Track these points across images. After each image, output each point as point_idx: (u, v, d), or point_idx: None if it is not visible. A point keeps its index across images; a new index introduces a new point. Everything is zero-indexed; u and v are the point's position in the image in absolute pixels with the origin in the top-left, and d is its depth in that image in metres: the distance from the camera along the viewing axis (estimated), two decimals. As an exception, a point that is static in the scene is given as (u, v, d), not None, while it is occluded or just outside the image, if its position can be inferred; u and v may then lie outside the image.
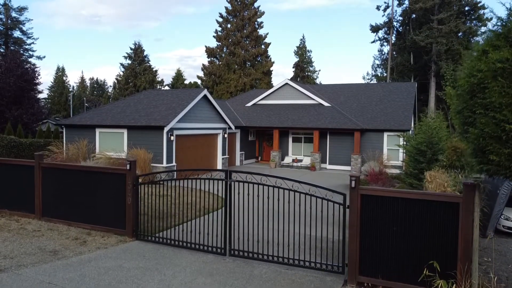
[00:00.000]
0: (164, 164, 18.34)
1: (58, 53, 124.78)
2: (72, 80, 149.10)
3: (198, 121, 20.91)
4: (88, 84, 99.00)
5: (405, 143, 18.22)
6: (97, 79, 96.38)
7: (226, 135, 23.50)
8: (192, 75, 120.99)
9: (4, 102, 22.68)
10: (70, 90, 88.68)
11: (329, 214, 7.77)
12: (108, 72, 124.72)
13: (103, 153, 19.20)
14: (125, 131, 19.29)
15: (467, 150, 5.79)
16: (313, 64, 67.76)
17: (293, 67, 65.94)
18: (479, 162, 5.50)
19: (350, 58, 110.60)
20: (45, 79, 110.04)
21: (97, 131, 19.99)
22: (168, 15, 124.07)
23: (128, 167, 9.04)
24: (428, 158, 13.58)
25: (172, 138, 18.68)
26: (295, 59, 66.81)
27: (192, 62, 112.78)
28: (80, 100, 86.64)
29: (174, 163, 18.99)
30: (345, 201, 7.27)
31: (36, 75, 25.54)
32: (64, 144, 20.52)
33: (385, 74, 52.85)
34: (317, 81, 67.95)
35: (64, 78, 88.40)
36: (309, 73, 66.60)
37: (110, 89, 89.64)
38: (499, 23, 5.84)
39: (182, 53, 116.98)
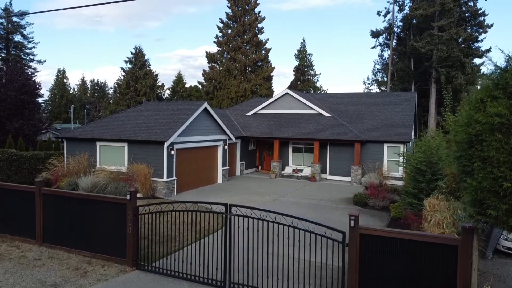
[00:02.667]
0: (165, 179, 18.38)
1: (59, 53, 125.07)
2: (73, 81, 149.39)
3: (199, 134, 20.94)
4: (89, 86, 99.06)
5: (404, 160, 18.22)
6: (97, 81, 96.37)
7: (226, 147, 23.53)
8: (193, 75, 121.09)
9: (5, 114, 22.73)
10: (71, 92, 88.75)
11: (329, 242, 7.78)
12: (109, 72, 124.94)
13: (104, 167, 19.26)
14: (125, 145, 19.33)
15: (465, 198, 5.81)
16: (313, 68, 67.85)
17: (293, 71, 65.98)
18: (477, 212, 5.53)
19: (351, 61, 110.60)
20: (46, 79, 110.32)
21: (98, 144, 20.03)
22: (169, 15, 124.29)
23: (128, 197, 9.08)
24: (427, 178, 13.60)
25: (172, 152, 18.71)
26: (296, 59, 67.01)
27: (193, 62, 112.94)
28: (81, 102, 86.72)
29: (174, 177, 19.04)
30: (344, 239, 7.29)
31: (37, 86, 25.59)
32: (65, 158, 20.56)
33: (385, 79, 52.89)
34: (318, 84, 67.96)
35: (65, 80, 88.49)
36: (309, 77, 66.62)
37: (111, 91, 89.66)
38: (497, 71, 5.87)
39: (183, 53, 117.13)
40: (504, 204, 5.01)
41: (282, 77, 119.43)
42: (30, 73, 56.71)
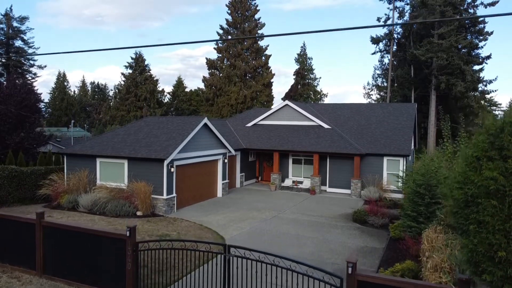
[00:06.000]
0: (164, 196, 18.44)
1: (61, 52, 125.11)
2: (74, 81, 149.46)
3: (199, 149, 20.98)
4: (89, 88, 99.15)
5: (403, 181, 18.25)
6: (98, 83, 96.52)
7: (226, 160, 23.56)
8: (194, 74, 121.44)
9: (5, 128, 22.77)
10: (71, 95, 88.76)
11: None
12: (110, 72, 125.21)
13: (104, 184, 19.32)
14: (125, 162, 19.38)
15: (462, 256, 5.85)
16: (314, 72, 67.89)
17: (294, 74, 66.04)
18: (473, 272, 5.57)
19: (351, 64, 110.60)
20: (47, 78, 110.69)
21: (98, 160, 20.08)
22: (171, 15, 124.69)
23: (128, 233, 9.13)
24: (426, 202, 13.63)
25: (172, 170, 18.76)
26: (296, 63, 67.01)
27: (194, 62, 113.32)
28: (82, 104, 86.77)
29: (174, 194, 19.09)
30: (342, 285, 7.33)
31: (38, 98, 25.63)
32: (65, 174, 20.62)
33: (385, 84, 52.92)
34: (318, 88, 68.02)
35: (65, 83, 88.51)
36: (309, 81, 66.66)
37: (111, 93, 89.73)
38: (493, 129, 5.90)
39: (184, 52, 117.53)
40: (500, 270, 5.05)
41: (283, 77, 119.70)
42: (30, 78, 57.01)
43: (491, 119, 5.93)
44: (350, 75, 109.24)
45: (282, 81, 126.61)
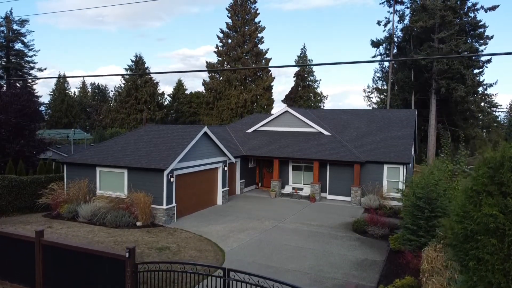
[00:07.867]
0: (164, 206, 18.43)
1: (61, 53, 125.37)
2: (74, 80, 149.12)
3: (198, 158, 20.97)
4: (90, 89, 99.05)
5: (403, 193, 18.20)
6: (98, 84, 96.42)
7: (226, 168, 23.54)
8: (195, 74, 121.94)
9: (5, 137, 22.77)
10: (71, 96, 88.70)
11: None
12: (111, 72, 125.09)
13: (104, 194, 19.33)
14: (125, 171, 19.37)
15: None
16: (314, 74, 67.87)
17: (294, 77, 66.04)
18: (473, 308, 5.55)
19: (351, 66, 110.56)
20: (47, 79, 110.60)
21: (98, 170, 20.07)
22: (171, 15, 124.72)
23: (127, 255, 9.12)
24: (426, 215, 13.61)
25: (172, 179, 18.75)
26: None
27: (195, 62, 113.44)
28: (82, 105, 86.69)
29: (174, 204, 19.09)
30: (342, 312, 7.33)
31: (38, 104, 25.63)
32: (65, 183, 20.61)
33: (385, 87, 52.92)
34: (318, 90, 67.97)
35: (65, 85, 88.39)
36: (310, 83, 66.64)
37: (111, 94, 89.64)
38: (492, 162, 5.88)
39: (185, 52, 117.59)
40: (500, 310, 5.04)
41: (283, 77, 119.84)
42: (30, 80, 56.94)
43: (491, 151, 5.91)
44: (350, 76, 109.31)
45: (283, 81, 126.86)
